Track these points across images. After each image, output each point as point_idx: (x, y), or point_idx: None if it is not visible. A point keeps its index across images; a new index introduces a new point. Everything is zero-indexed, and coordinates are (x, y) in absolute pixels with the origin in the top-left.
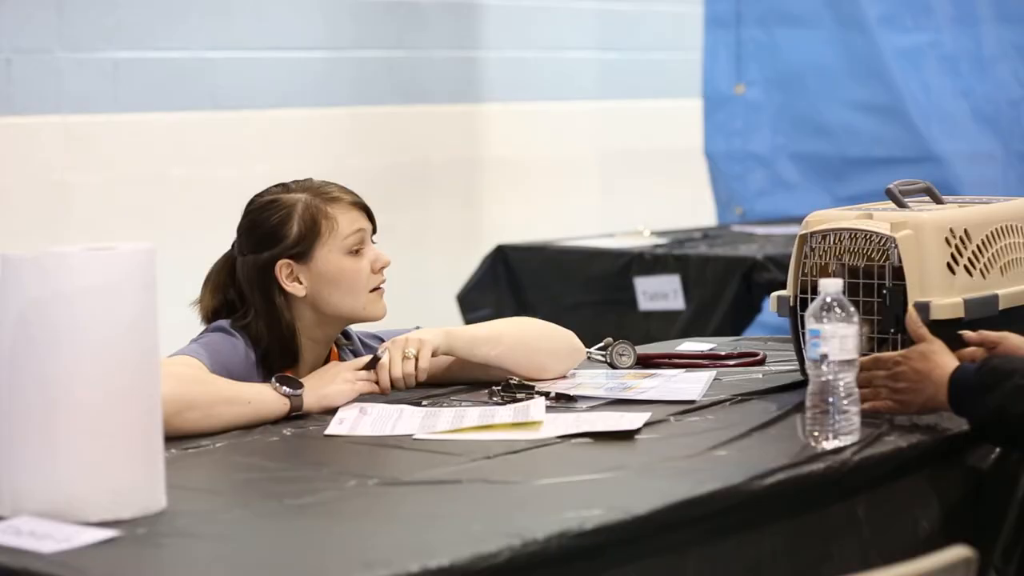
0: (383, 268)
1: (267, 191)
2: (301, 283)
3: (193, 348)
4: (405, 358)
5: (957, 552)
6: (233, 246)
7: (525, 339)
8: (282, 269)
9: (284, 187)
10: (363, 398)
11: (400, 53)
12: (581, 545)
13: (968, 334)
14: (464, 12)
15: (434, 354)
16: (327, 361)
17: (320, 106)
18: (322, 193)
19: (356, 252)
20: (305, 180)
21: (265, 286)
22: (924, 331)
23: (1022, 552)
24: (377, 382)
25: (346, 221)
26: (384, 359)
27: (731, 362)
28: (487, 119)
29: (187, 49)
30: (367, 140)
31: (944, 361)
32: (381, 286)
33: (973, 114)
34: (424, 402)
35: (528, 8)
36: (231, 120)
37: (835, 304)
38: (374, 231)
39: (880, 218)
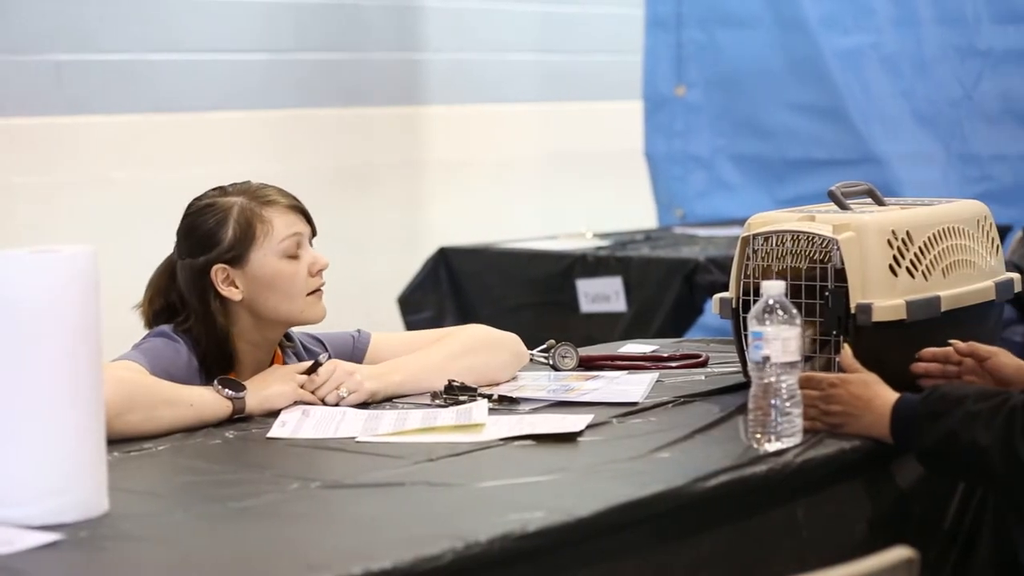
0: (321, 271)
1: (205, 195)
2: (237, 287)
3: (133, 354)
4: (336, 390)
5: (900, 553)
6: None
7: (469, 359)
8: (218, 273)
9: (221, 190)
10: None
11: (341, 55)
12: (524, 547)
13: (958, 344)
14: (405, 14)
15: (371, 397)
16: (272, 365)
17: (261, 108)
18: (258, 196)
19: (292, 255)
20: (243, 183)
21: (202, 290)
22: (859, 367)
23: (957, 554)
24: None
25: (282, 224)
26: (321, 372)
27: (673, 364)
28: (429, 121)
29: (129, 51)
30: (309, 142)
31: (885, 392)
32: (320, 289)
33: (914, 115)
34: (367, 404)
35: (469, 10)
36: (173, 122)
37: (777, 306)
38: (313, 234)
39: (822, 220)
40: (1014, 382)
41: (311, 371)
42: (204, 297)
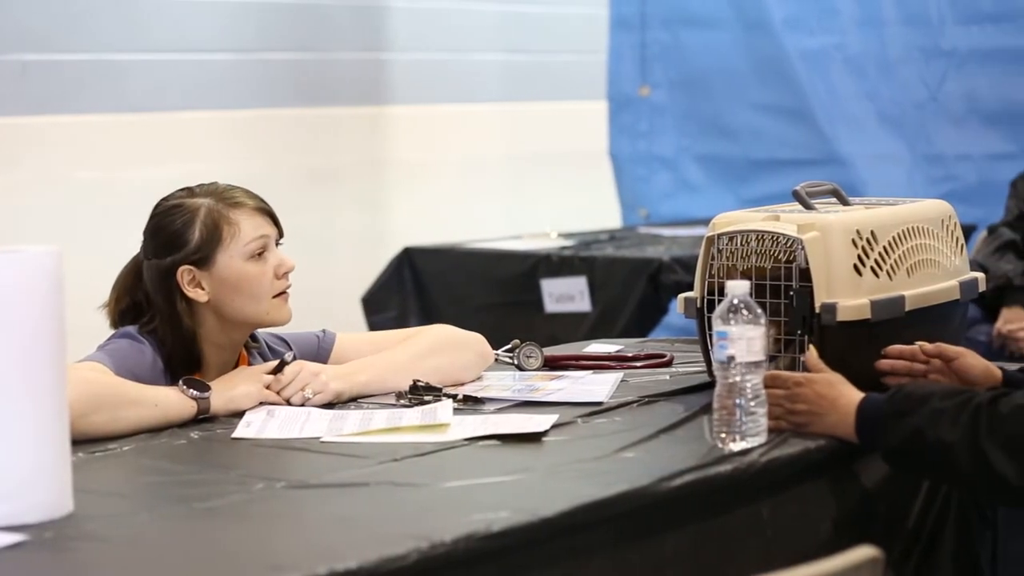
0: (287, 273)
1: (173, 195)
2: (203, 289)
3: (98, 355)
4: (302, 390)
5: (864, 552)
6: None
7: (434, 359)
8: (184, 275)
9: (189, 191)
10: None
11: (306, 55)
12: (488, 547)
13: (925, 345)
14: (370, 14)
15: (336, 398)
16: (237, 365)
17: (226, 108)
18: (225, 198)
19: (259, 257)
20: (211, 184)
21: (168, 291)
22: (824, 366)
23: (920, 553)
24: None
25: (249, 227)
26: (287, 372)
27: (638, 364)
28: (393, 121)
29: (94, 51)
30: (273, 142)
31: (850, 391)
32: (286, 291)
33: (879, 116)
34: (332, 405)
35: (433, 10)
36: (138, 122)
37: (742, 306)
38: (280, 236)
39: (787, 220)
40: (981, 383)
41: (277, 371)
42: (170, 298)
